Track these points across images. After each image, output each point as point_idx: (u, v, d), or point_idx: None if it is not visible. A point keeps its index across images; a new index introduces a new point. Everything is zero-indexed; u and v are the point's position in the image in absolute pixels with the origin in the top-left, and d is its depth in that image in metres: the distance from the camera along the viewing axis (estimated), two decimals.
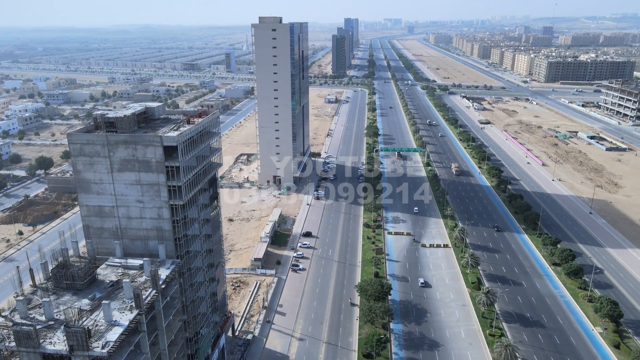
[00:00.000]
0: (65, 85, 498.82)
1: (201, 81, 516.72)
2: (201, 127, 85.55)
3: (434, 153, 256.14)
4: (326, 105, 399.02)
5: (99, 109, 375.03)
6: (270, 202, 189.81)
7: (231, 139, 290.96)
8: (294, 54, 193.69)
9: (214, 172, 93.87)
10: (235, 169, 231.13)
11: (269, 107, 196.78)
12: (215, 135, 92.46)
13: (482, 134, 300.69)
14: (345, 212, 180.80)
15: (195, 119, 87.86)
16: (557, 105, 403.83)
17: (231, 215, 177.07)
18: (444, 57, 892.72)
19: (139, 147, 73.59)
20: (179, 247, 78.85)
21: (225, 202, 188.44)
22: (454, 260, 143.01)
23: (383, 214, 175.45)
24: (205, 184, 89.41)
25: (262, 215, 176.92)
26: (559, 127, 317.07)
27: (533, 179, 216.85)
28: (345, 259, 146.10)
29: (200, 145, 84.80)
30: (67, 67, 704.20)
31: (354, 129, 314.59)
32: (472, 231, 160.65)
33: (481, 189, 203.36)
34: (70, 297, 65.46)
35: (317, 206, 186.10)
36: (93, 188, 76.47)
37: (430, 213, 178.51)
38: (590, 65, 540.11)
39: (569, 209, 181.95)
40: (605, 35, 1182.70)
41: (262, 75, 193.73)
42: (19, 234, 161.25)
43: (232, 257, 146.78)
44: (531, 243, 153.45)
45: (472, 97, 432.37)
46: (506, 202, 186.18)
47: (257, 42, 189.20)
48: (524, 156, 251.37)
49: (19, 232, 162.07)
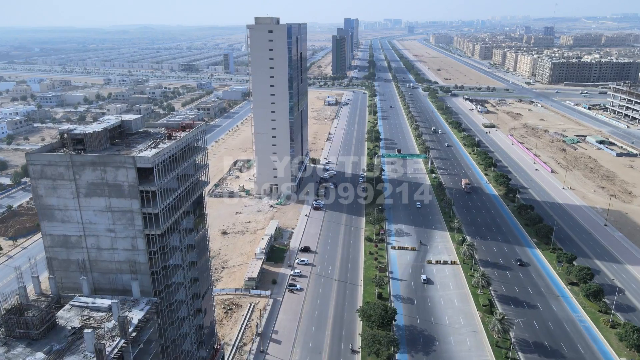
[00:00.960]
0: (60, 87, 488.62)
1: (198, 83, 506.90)
2: (184, 143, 75.74)
3: (437, 159, 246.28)
4: (326, 108, 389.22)
5: (92, 112, 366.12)
6: (266, 212, 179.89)
7: (227, 143, 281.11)
8: (291, 56, 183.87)
9: (200, 191, 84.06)
10: (230, 177, 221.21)
11: (266, 113, 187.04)
12: (201, 150, 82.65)
13: (487, 139, 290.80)
14: (346, 224, 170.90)
15: (178, 132, 78.14)
16: (563, 107, 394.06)
17: (225, 227, 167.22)
18: (445, 57, 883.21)
19: (108, 169, 63.68)
20: (157, 281, 68.96)
21: (220, 213, 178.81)
22: (463, 279, 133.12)
23: (386, 226, 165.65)
24: (189, 206, 79.58)
25: (258, 227, 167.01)
26: (566, 131, 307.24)
27: (542, 187, 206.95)
28: (346, 277, 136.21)
29: (182, 163, 74.97)
30: (63, 68, 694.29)
31: (355, 133, 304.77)
32: (480, 245, 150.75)
33: (488, 199, 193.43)
34: (23, 349, 55.52)
35: (316, 217, 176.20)
36: (57, 215, 66.56)
37: (435, 225, 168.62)
38: (595, 66, 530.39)
39: (582, 221, 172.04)
40: (607, 36, 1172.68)
41: (259, 79, 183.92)
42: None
43: (225, 275, 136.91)
44: (545, 259, 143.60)
45: (475, 100, 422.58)
46: (515, 213, 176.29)
47: (252, 44, 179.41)
48: (531, 162, 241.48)
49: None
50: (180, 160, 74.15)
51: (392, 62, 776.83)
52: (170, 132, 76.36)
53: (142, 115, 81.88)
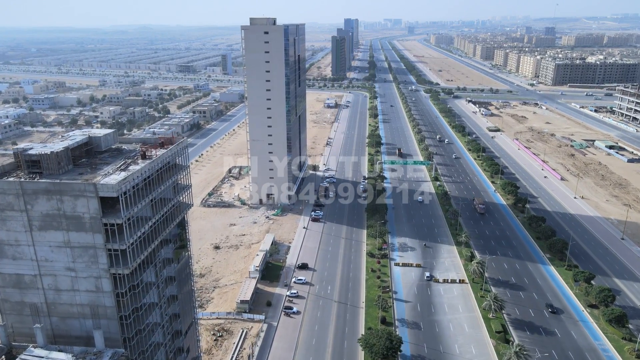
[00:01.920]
0: (54, 89, 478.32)
1: (195, 84, 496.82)
2: (161, 162, 65.85)
3: (442, 165, 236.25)
4: (325, 111, 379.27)
5: (85, 114, 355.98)
6: (262, 224, 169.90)
7: (223, 148, 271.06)
8: (288, 59, 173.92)
9: (182, 215, 74.22)
10: (226, 184, 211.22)
11: (261, 119, 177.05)
12: (183, 169, 72.77)
13: (492, 143, 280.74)
14: (346, 237, 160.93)
15: (155, 150, 68.30)
16: (568, 110, 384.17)
17: (218, 241, 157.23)
18: (446, 58, 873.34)
19: (65, 198, 53.79)
20: (127, 327, 59.01)
21: (213, 225, 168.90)
22: (473, 300, 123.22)
23: (388, 240, 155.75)
24: (168, 234, 69.71)
25: (253, 241, 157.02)
26: (574, 135, 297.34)
27: (552, 196, 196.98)
28: (347, 298, 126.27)
29: (159, 186, 65.08)
30: (58, 69, 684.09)
31: (355, 137, 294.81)
32: (490, 261, 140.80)
33: (496, 209, 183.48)
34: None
35: (315, 229, 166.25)
36: (7, 251, 56.65)
37: (442, 239, 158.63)
38: (600, 67, 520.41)
39: (597, 234, 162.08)
40: (609, 36, 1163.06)
41: (254, 83, 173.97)
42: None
43: (216, 295, 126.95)
44: (560, 278, 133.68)
45: (478, 102, 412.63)
46: (526, 225, 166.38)
47: (247, 46, 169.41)
48: (539, 169, 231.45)
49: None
50: (156, 182, 64.34)
51: (393, 62, 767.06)
52: (146, 150, 66.41)
53: (114, 130, 71.92)
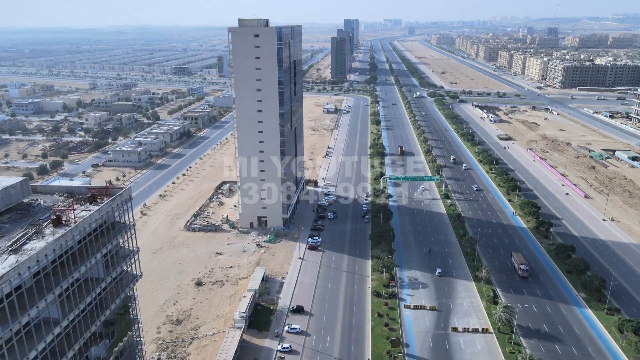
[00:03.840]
0: (41, 92, 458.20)
1: (189, 88, 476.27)
2: (84, 231, 45.43)
3: (452, 179, 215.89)
4: (324, 116, 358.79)
5: (70, 121, 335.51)
6: (252, 253, 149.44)
7: (214, 159, 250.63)
8: (282, 65, 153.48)
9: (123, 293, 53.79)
10: (214, 203, 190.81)
11: (252, 133, 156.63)
12: (125, 228, 52.44)
13: (504, 153, 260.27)
14: (348, 270, 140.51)
15: (82, 207, 47.93)
16: (581, 116, 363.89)
17: (201, 275, 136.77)
18: (449, 59, 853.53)
19: None
20: None
21: (196, 254, 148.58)
22: (501, 358, 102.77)
23: (396, 274, 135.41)
24: (99, 326, 49.32)
25: (241, 275, 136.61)
26: (591, 144, 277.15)
27: (578, 217, 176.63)
28: (349, 353, 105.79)
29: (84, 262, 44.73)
30: (49, 71, 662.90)
31: (357, 147, 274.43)
32: (515, 302, 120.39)
33: (517, 234, 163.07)
34: None
35: (312, 260, 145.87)
36: None
37: (457, 272, 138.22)
38: (610, 70, 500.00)
39: (635, 266, 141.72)
40: (613, 37, 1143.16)
41: (243, 93, 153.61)
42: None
43: (193, 351, 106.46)
44: (601, 326, 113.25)
45: (485, 106, 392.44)
46: (552, 255, 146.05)
47: (235, 51, 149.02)
48: (559, 184, 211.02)
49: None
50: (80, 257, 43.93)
51: (394, 64, 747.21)
52: (62, 212, 45.94)
53: (24, 178, 51.37)
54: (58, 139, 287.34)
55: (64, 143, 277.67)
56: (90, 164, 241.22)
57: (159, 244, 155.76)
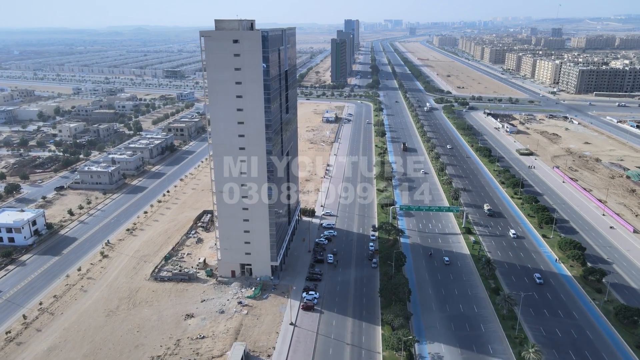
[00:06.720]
0: (20, 98, 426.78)
1: (179, 93, 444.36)
2: None
3: (471, 207, 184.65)
4: (324, 126, 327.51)
5: (43, 131, 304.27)
6: (231, 316, 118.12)
7: (197, 180, 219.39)
8: (270, 77, 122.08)
9: None
10: (191, 239, 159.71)
11: (231, 161, 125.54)
12: None
13: (528, 173, 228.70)
14: (353, 343, 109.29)
15: None
16: (604, 125, 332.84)
17: (161, 353, 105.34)
18: (453, 61, 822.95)
19: None
20: None
21: (160, 317, 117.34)
22: None
23: (416, 352, 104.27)
24: None
25: (214, 353, 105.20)
26: (623, 160, 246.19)
27: (630, 260, 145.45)
28: None
29: None
30: (34, 74, 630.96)
31: (360, 164, 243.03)
32: None
33: (561, 286, 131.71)
34: None
35: (307, 326, 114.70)
36: None
37: (494, 347, 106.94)
38: (629, 73, 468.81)
39: None
40: (620, 38, 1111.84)
41: (219, 114, 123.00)
42: None
43: None
44: None
45: (498, 114, 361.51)
46: (612, 318, 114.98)
47: (209, 61, 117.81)
48: (599, 213, 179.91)
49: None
50: None
51: (397, 66, 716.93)
52: None
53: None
54: (25, 154, 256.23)
55: (30, 159, 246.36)
56: (54, 185, 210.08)
57: (115, 302, 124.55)
